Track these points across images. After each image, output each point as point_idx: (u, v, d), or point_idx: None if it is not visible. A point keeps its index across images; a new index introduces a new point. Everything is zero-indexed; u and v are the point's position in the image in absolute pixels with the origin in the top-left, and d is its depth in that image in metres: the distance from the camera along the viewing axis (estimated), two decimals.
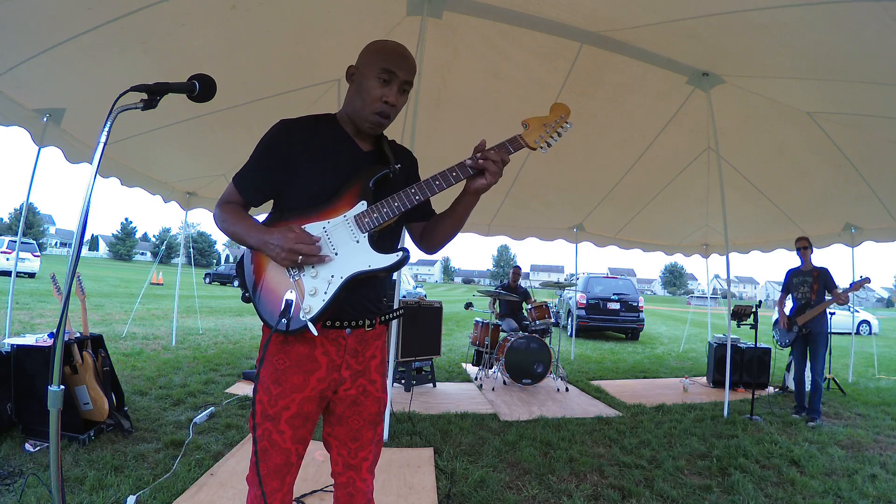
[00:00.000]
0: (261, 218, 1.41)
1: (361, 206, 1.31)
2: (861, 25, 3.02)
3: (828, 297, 4.70)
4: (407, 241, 1.59)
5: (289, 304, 1.24)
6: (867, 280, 4.77)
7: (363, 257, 1.29)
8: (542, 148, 1.37)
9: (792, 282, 4.94)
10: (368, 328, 1.40)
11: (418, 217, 1.51)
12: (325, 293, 1.26)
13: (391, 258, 1.30)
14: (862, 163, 5.06)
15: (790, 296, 4.98)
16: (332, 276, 1.27)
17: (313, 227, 1.30)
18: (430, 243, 1.51)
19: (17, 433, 3.03)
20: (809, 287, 4.75)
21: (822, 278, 4.72)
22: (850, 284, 4.79)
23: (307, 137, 1.37)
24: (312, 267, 1.27)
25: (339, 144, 1.40)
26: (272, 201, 1.42)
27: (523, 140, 1.36)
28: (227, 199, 1.39)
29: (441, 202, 1.34)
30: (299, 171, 1.34)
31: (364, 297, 1.38)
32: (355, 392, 1.41)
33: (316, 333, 1.26)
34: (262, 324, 1.33)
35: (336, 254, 1.28)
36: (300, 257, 1.23)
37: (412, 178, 1.51)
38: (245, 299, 1.35)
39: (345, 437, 1.43)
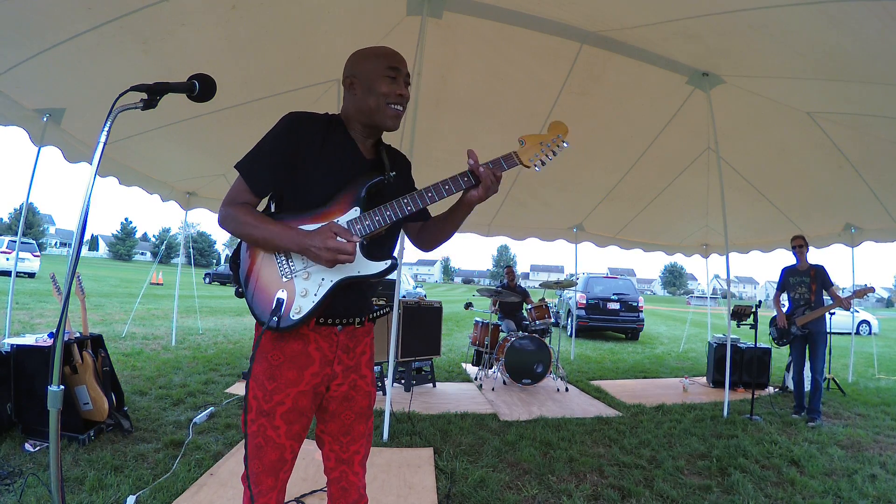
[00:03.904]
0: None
1: (354, 212, 1.33)
2: (861, 25, 3.02)
3: (826, 298, 4.72)
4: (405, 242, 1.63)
5: (280, 302, 1.28)
6: (871, 289, 4.79)
7: (354, 263, 1.30)
8: (536, 166, 1.38)
9: (788, 281, 4.92)
10: (358, 325, 1.45)
11: (414, 218, 1.55)
12: (316, 295, 1.30)
13: (380, 266, 1.33)
14: (862, 163, 5.05)
15: (786, 294, 4.98)
16: (323, 280, 1.30)
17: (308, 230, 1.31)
18: (426, 243, 1.58)
19: (17, 433, 3.03)
20: (807, 287, 4.74)
21: (819, 277, 4.73)
22: (853, 291, 4.79)
23: (318, 138, 1.36)
24: (304, 269, 1.30)
25: (346, 151, 1.41)
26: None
27: (518, 158, 1.37)
28: (235, 198, 1.33)
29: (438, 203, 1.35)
30: (305, 171, 1.34)
31: (355, 297, 1.41)
32: (347, 387, 1.45)
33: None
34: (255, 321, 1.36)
35: None
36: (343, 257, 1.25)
37: (408, 181, 1.57)
38: (238, 294, 1.37)
39: (337, 431, 1.47)
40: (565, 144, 1.40)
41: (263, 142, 1.35)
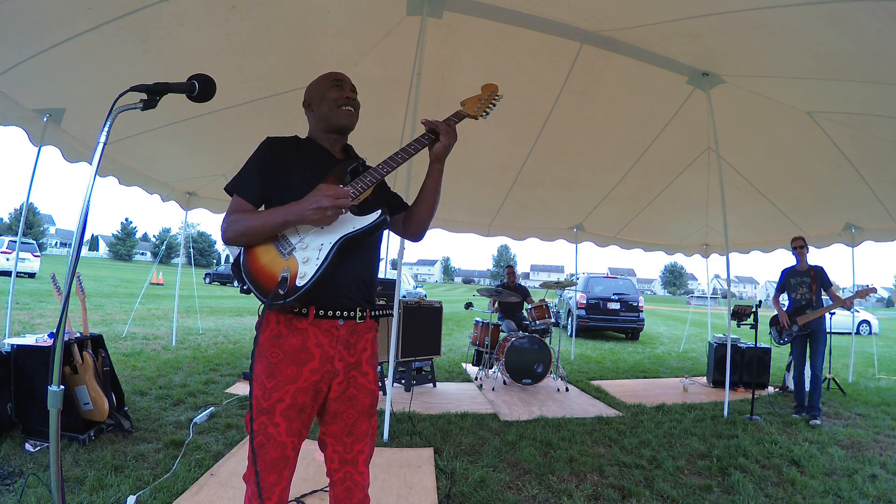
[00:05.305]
0: None
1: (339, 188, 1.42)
2: (861, 24, 3.02)
3: (825, 298, 4.78)
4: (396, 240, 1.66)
5: (284, 279, 1.30)
6: (872, 290, 4.83)
7: (347, 223, 1.39)
8: (481, 116, 1.63)
9: (789, 282, 4.97)
10: (360, 320, 1.46)
11: (395, 210, 1.65)
12: (318, 259, 1.33)
13: (371, 217, 1.40)
14: (862, 163, 5.05)
15: (786, 295, 5.03)
16: (322, 244, 1.35)
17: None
18: (415, 227, 1.63)
19: (17, 433, 3.03)
20: (808, 287, 4.80)
21: (819, 277, 4.80)
22: (855, 291, 4.83)
23: (293, 151, 1.52)
24: (301, 240, 1.35)
25: (320, 155, 1.57)
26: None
27: (464, 113, 1.60)
28: (235, 209, 1.43)
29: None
30: (289, 178, 1.46)
31: (357, 277, 1.45)
32: (348, 385, 1.45)
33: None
34: (261, 308, 1.38)
35: (322, 227, 1.37)
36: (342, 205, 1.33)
37: (384, 189, 1.66)
38: (244, 291, 1.42)
39: (340, 432, 1.47)
40: (499, 97, 1.67)
41: (247, 162, 1.49)
